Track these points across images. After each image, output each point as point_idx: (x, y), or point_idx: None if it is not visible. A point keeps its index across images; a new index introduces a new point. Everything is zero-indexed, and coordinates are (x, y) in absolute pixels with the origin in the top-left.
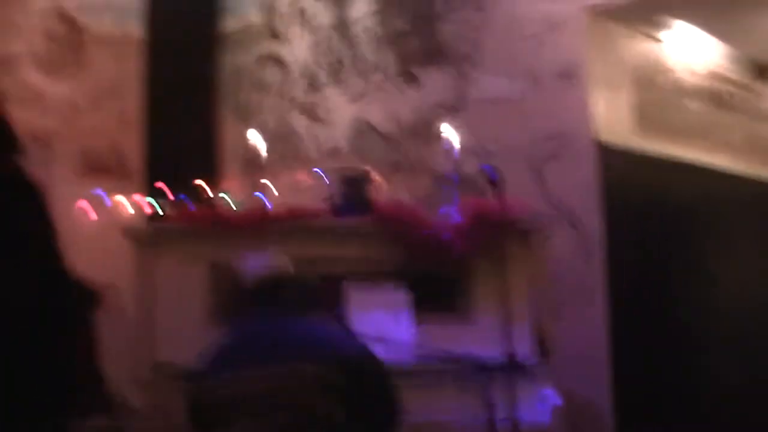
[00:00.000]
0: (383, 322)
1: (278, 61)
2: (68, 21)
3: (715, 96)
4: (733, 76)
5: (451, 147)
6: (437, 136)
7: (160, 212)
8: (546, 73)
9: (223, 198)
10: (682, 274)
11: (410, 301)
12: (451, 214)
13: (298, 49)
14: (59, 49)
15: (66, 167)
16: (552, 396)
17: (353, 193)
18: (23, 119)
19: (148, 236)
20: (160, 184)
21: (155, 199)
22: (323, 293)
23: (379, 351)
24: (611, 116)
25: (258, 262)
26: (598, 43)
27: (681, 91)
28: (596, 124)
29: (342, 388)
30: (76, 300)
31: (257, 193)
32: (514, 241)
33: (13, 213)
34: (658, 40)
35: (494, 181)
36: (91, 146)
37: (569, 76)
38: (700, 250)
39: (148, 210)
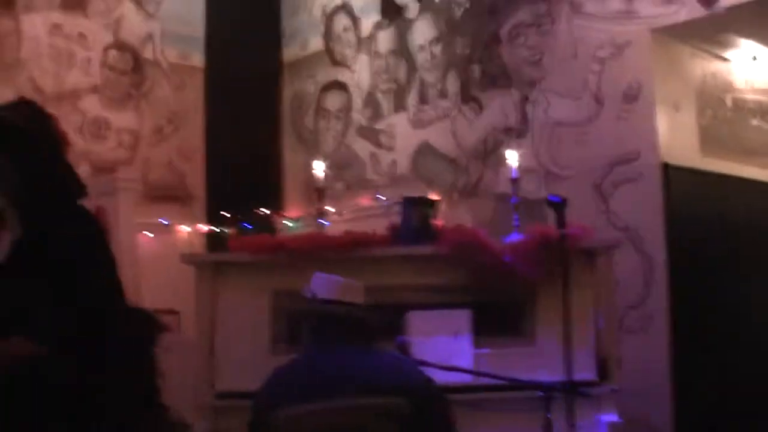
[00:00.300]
0: (446, 347)
1: (341, 88)
2: (130, 51)
3: None
4: None
5: (515, 171)
6: (502, 160)
7: (223, 240)
8: (611, 94)
9: (285, 225)
10: (748, 296)
11: (473, 325)
12: (514, 238)
13: (360, 75)
14: (122, 80)
15: (130, 196)
16: (613, 420)
17: (417, 220)
18: (88, 150)
19: (209, 264)
20: (223, 212)
21: (218, 227)
22: (388, 322)
23: (442, 376)
24: (676, 137)
25: (328, 287)
26: (663, 64)
27: (746, 110)
28: (661, 145)
29: (407, 418)
30: (140, 330)
31: (320, 220)
32: (578, 265)
33: (76, 251)
34: (724, 59)
35: (559, 205)
36: (155, 175)
37: (634, 98)
38: (766, 269)
39: (210, 238)
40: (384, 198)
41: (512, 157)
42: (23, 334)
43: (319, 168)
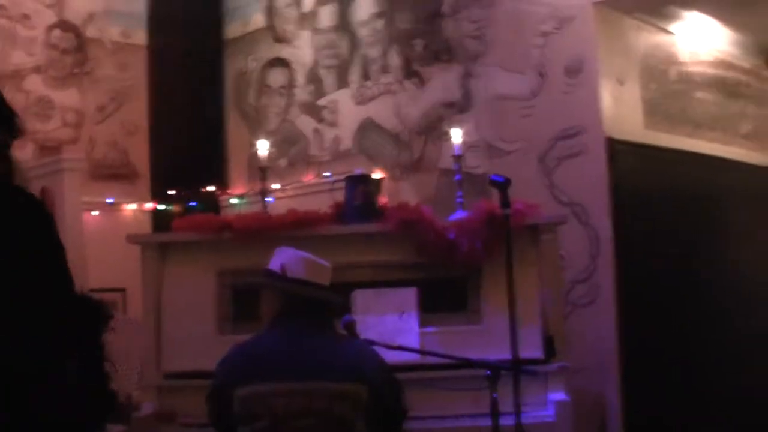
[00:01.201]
0: (393, 325)
1: (283, 64)
2: (73, 30)
3: (726, 85)
4: (744, 64)
5: (458, 148)
6: (445, 135)
7: (168, 218)
8: (555, 68)
9: (230, 203)
10: (694, 268)
11: (419, 304)
12: (459, 216)
13: (302, 51)
14: (65, 59)
15: (76, 176)
16: (561, 398)
17: (361, 198)
18: (33, 130)
19: (154, 244)
20: (168, 190)
21: (163, 205)
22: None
23: (390, 355)
24: (621, 110)
25: (299, 265)
26: (607, 37)
27: (691, 82)
28: (606, 119)
29: (365, 403)
30: (85, 316)
31: (265, 199)
32: (523, 242)
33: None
34: (668, 32)
35: (502, 185)
36: (100, 154)
37: (578, 71)
38: (713, 242)
39: (155, 216)
40: (328, 175)
41: (456, 135)
42: None
43: (262, 147)
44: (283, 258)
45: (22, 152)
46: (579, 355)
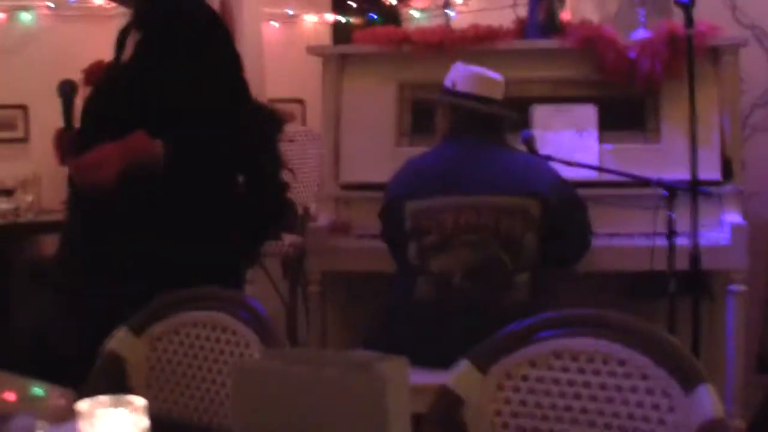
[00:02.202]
0: (571, 142)
1: None
2: None
3: None
4: None
5: None
6: None
7: (349, 30)
8: None
9: (411, 16)
10: None
11: (598, 121)
12: (640, 35)
13: None
14: None
15: None
16: (737, 221)
17: (543, 14)
18: None
19: (335, 56)
20: (348, 1)
21: (344, 17)
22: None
23: (567, 171)
24: None
25: (471, 79)
26: None
27: None
28: None
29: (537, 219)
30: (264, 125)
31: (446, 10)
32: (704, 63)
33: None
34: None
35: (686, 6)
36: None
37: None
38: None
39: (336, 27)
40: None
41: None
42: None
43: None
44: (455, 74)
45: None
46: (755, 179)
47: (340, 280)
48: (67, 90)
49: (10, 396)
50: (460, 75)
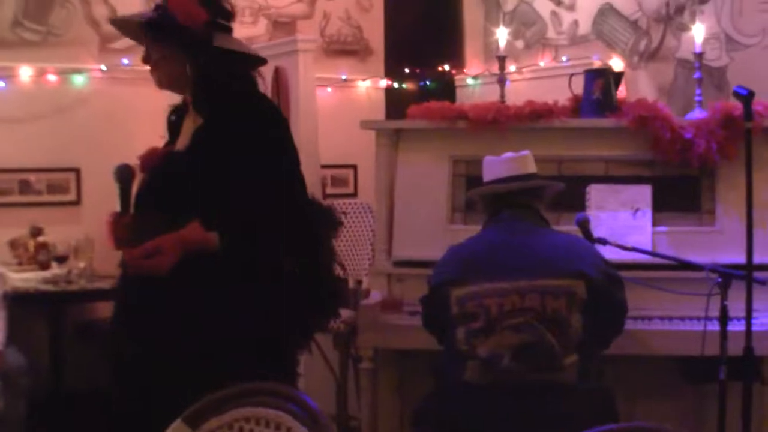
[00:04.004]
0: (626, 222)
1: None
2: None
3: None
4: None
5: (699, 46)
6: (684, 24)
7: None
8: None
9: (465, 83)
10: None
11: (652, 201)
12: (696, 115)
13: None
14: None
15: (310, 57)
16: None
17: (599, 91)
18: (266, 6)
19: (389, 130)
20: (402, 68)
21: (397, 82)
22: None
23: (621, 254)
24: None
25: (501, 166)
26: None
27: None
28: None
29: (582, 301)
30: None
31: (501, 79)
32: (761, 143)
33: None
34: None
35: (746, 98)
36: (333, 29)
37: None
38: None
39: (389, 93)
40: (565, 59)
41: (698, 31)
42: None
43: (501, 35)
44: (484, 168)
45: (256, 28)
46: None
47: (391, 356)
48: (123, 175)
49: None
50: (486, 166)
